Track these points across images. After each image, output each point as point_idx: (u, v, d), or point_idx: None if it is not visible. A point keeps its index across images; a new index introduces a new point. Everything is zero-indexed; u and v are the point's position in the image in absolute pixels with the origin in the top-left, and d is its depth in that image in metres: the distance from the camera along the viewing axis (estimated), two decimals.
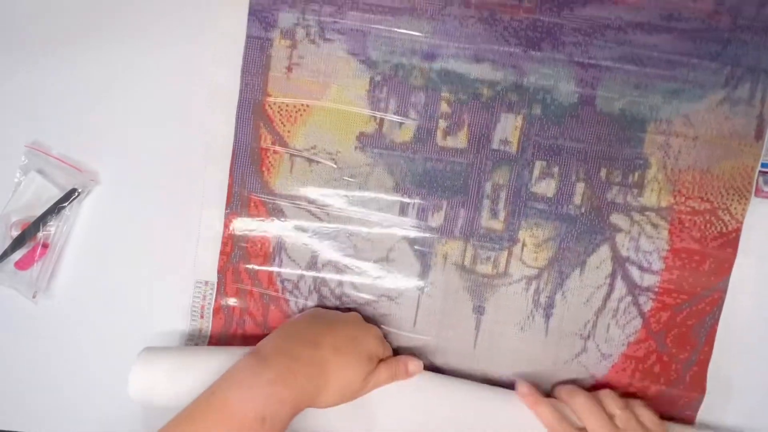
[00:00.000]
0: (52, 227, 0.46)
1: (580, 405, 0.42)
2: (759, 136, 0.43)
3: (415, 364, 0.44)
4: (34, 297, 0.46)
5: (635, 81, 0.43)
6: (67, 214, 0.46)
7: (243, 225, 0.45)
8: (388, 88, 0.44)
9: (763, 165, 0.43)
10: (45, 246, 0.45)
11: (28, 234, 0.45)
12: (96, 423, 0.47)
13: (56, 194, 0.45)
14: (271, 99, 0.44)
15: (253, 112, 0.44)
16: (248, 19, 0.44)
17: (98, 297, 0.47)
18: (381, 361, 0.43)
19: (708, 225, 0.44)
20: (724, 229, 0.44)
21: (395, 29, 0.43)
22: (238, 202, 0.45)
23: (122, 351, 0.46)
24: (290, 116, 0.44)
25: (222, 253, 0.46)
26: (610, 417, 0.41)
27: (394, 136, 0.44)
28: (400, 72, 0.44)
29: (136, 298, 0.47)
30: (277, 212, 0.45)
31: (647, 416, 0.42)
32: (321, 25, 0.44)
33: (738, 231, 0.44)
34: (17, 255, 0.45)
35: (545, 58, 0.43)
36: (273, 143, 0.45)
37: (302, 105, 0.44)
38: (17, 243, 0.45)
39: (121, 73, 0.46)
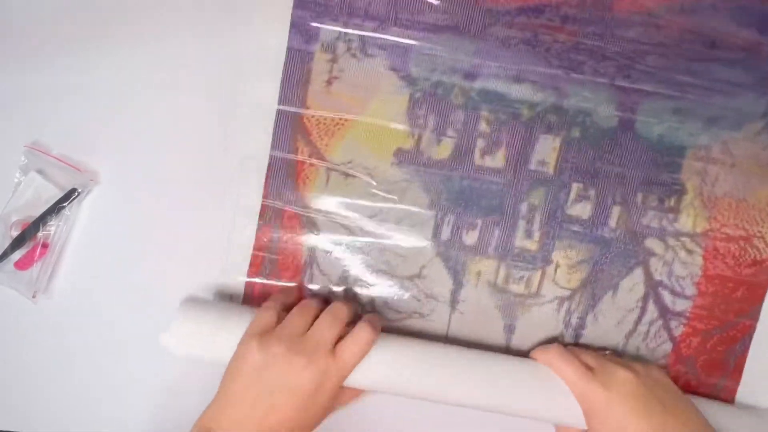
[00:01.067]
0: (52, 227, 0.45)
1: (555, 357, 0.42)
2: None
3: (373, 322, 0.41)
4: (34, 297, 0.46)
5: (675, 107, 0.43)
6: (67, 214, 0.45)
7: (276, 237, 0.45)
8: (427, 105, 0.44)
9: None
10: (45, 246, 0.45)
11: (28, 234, 0.45)
12: (97, 423, 0.47)
13: (56, 194, 0.45)
14: (309, 112, 0.44)
15: (292, 125, 0.44)
16: (290, 32, 0.44)
17: (98, 297, 0.46)
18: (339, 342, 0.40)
19: (742, 252, 0.44)
20: (758, 257, 0.44)
21: (437, 47, 0.43)
22: (271, 214, 0.45)
23: (122, 351, 0.46)
24: (328, 130, 0.44)
25: (252, 264, 0.46)
26: (588, 368, 0.41)
27: (431, 154, 0.44)
28: (440, 89, 0.44)
29: (137, 299, 0.46)
30: (310, 225, 0.45)
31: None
32: (362, 40, 0.44)
33: None
34: (17, 255, 0.45)
35: (586, 81, 0.43)
36: (310, 156, 0.44)
37: (341, 119, 0.44)
38: (17, 243, 0.45)
39: (123, 72, 0.45)
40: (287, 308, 0.42)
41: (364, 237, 0.45)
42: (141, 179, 0.46)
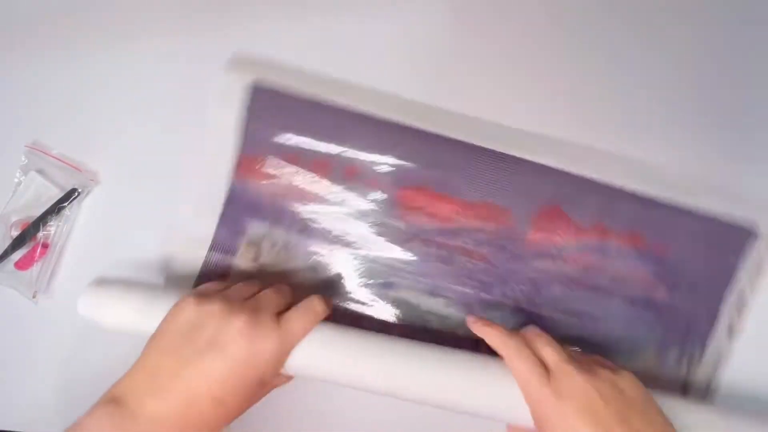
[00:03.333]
0: (52, 227, 0.45)
1: (512, 352, 0.38)
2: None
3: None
4: (34, 297, 0.45)
5: (577, 333, 0.45)
6: (67, 214, 0.45)
7: None
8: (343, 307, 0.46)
9: None
10: (45, 246, 0.45)
11: (28, 234, 0.45)
12: None
13: (56, 194, 0.45)
14: None
15: None
16: (218, 225, 0.45)
17: None
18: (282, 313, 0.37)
19: None
20: None
21: (358, 252, 0.45)
22: None
23: (122, 351, 0.45)
24: None
25: None
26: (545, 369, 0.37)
27: None
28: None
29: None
30: None
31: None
32: (288, 239, 0.45)
33: None
34: (17, 255, 0.45)
35: (494, 302, 0.45)
36: None
37: None
38: (17, 243, 0.45)
39: (123, 72, 0.46)
40: None
41: None
42: (141, 179, 0.46)
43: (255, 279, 0.42)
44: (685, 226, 0.45)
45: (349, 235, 0.45)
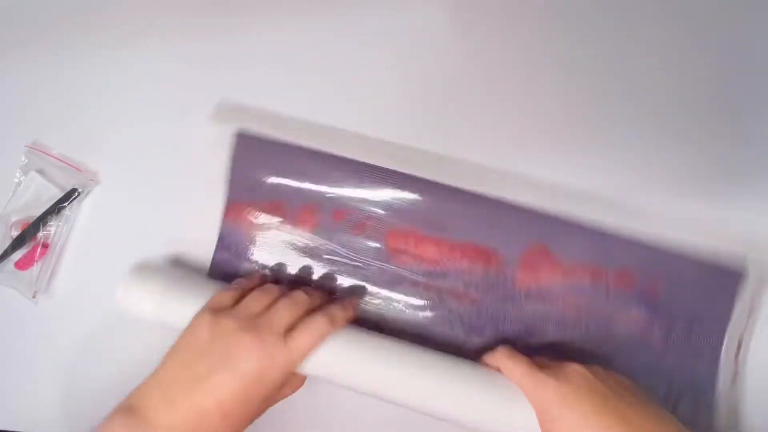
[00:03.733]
0: (52, 227, 0.46)
1: (503, 356, 0.39)
2: None
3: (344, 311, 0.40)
4: (34, 297, 0.46)
5: None
6: (67, 214, 0.46)
7: None
8: None
9: None
10: (45, 246, 0.46)
11: (28, 234, 0.46)
12: (97, 423, 0.44)
13: (56, 194, 0.46)
14: None
15: None
16: (209, 272, 0.46)
17: (98, 297, 0.45)
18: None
19: None
20: None
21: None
22: None
23: (123, 351, 0.45)
24: None
25: None
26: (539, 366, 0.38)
27: None
28: None
29: None
30: None
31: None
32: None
33: None
34: (17, 255, 0.46)
35: (487, 344, 0.44)
36: None
37: None
38: (17, 243, 0.46)
39: (123, 72, 0.47)
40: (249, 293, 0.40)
41: None
42: (141, 179, 0.46)
43: (276, 287, 0.41)
44: (676, 266, 0.43)
45: (338, 280, 0.45)
